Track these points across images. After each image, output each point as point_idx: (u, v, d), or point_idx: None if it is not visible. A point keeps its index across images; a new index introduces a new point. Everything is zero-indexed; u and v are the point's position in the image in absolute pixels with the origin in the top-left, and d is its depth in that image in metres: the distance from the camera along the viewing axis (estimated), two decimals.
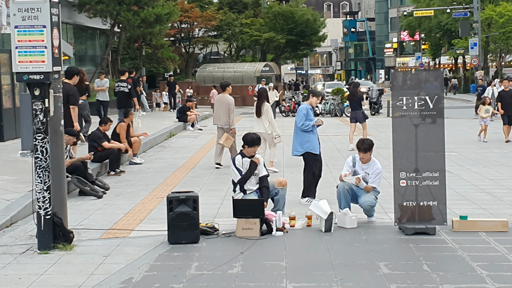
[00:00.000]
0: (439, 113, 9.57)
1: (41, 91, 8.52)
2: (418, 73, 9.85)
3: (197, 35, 58.06)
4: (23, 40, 8.40)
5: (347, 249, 8.61)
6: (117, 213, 11.14)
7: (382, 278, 7.35)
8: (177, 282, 7.30)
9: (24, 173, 13.24)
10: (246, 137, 10.40)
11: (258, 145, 10.43)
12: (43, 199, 8.60)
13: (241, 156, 10.34)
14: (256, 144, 10.35)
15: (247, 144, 10.30)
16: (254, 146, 10.31)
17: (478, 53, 54.26)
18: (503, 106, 21.79)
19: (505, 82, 23.23)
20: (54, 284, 7.38)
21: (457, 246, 8.63)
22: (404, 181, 9.44)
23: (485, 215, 10.54)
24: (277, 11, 61.90)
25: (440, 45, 78.09)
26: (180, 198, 8.99)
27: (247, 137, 10.41)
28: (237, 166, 10.23)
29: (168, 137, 23.79)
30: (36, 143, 8.57)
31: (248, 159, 10.29)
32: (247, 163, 10.27)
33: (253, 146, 10.29)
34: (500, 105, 21.96)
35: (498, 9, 60.57)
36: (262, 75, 54.27)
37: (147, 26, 37.29)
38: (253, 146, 10.29)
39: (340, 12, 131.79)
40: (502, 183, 13.59)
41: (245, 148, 10.33)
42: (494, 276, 7.36)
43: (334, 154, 18.34)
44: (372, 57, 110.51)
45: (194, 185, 13.44)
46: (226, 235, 9.27)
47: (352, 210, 10.01)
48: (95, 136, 15.24)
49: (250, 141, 10.30)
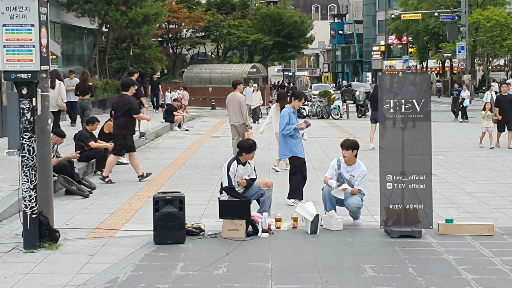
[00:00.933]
0: (426, 116, 9.60)
1: (29, 90, 8.51)
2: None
3: (185, 35, 58.03)
4: (11, 38, 8.38)
5: (333, 251, 8.63)
6: (103, 212, 11.12)
7: (368, 281, 7.37)
8: (162, 282, 7.30)
9: (11, 172, 13.19)
10: (243, 144, 10.49)
11: (255, 150, 10.51)
12: (29, 198, 8.57)
13: (236, 162, 10.36)
14: (253, 149, 10.45)
15: (244, 151, 10.36)
16: (252, 152, 10.40)
17: (466, 57, 54.54)
18: (500, 112, 20.89)
19: (503, 86, 22.12)
20: (40, 283, 7.36)
21: (442, 249, 8.67)
22: (391, 184, 9.46)
23: (471, 219, 10.58)
24: (264, 13, 61.95)
25: (428, 49, 78.38)
26: (166, 199, 9.00)
27: (244, 144, 10.49)
28: (229, 173, 10.24)
29: (155, 137, 23.75)
30: (23, 142, 8.55)
31: (243, 166, 10.34)
32: (242, 170, 10.32)
33: (251, 152, 10.39)
34: (498, 111, 20.99)
35: (486, 13, 60.94)
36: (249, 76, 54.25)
37: (135, 26, 37.19)
38: (251, 152, 10.39)
39: (328, 15, 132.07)
40: (488, 187, 13.65)
41: (243, 155, 10.37)
42: (479, 279, 7.40)
43: (320, 156, 18.37)
44: (359, 59, 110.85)
45: (180, 185, 13.43)
46: (212, 236, 9.28)
47: (338, 213, 10.04)
48: (82, 135, 15.19)
49: (248, 147, 10.38)
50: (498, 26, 60.29)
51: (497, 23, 60.18)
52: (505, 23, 60.74)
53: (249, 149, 10.37)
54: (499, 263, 8.03)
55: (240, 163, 10.34)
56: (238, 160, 10.36)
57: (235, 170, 10.25)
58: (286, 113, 12.27)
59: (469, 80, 48.77)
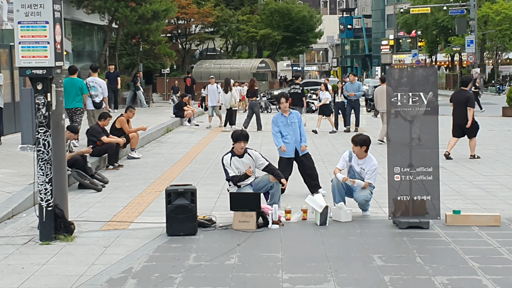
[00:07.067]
0: (434, 110, 9.74)
1: (44, 86, 8.70)
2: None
3: (194, 31, 58.09)
4: (26, 35, 8.57)
5: (342, 242, 8.79)
6: (116, 206, 11.32)
7: (376, 270, 7.54)
8: (175, 272, 7.47)
9: (24, 167, 13.42)
10: (232, 135, 10.68)
11: (244, 140, 10.51)
12: (45, 191, 8.77)
13: (231, 154, 10.53)
14: (240, 139, 10.47)
15: (233, 141, 10.55)
16: (239, 141, 10.47)
17: (475, 50, 54.54)
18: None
19: None
20: (56, 273, 7.55)
21: (450, 239, 8.82)
22: (399, 176, 9.62)
23: (478, 210, 10.71)
24: (273, 8, 62.07)
25: (437, 43, 78.36)
26: (178, 191, 9.18)
27: (232, 134, 10.67)
28: (225, 167, 10.50)
29: (165, 132, 23.95)
30: (38, 136, 8.74)
31: (240, 158, 10.49)
32: (237, 161, 10.48)
33: (238, 142, 10.47)
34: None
35: (495, 6, 60.88)
36: (258, 71, 54.44)
37: (145, 23, 37.39)
38: (238, 142, 10.47)
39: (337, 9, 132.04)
40: (496, 179, 13.78)
41: (234, 146, 10.56)
42: (485, 268, 7.55)
43: (329, 150, 18.52)
44: (368, 54, 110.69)
45: (191, 179, 13.60)
46: (223, 228, 9.46)
47: (347, 204, 10.19)
48: (94, 130, 15.41)
49: (235, 137, 10.53)
50: (507, 19, 60.26)
51: (506, 16, 60.14)
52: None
53: (235, 139, 10.50)
54: (505, 252, 8.18)
55: (235, 155, 10.50)
56: (233, 152, 10.53)
57: (228, 162, 10.45)
58: (273, 118, 12.45)
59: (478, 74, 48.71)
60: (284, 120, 12.24)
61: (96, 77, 18.35)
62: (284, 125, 12.21)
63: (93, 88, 17.96)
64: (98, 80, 18.29)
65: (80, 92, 17.28)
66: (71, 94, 16.88)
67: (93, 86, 17.99)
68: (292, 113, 12.30)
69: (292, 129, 12.16)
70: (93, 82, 18.09)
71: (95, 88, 18.02)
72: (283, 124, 12.22)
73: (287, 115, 12.25)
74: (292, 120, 12.21)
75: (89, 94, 17.76)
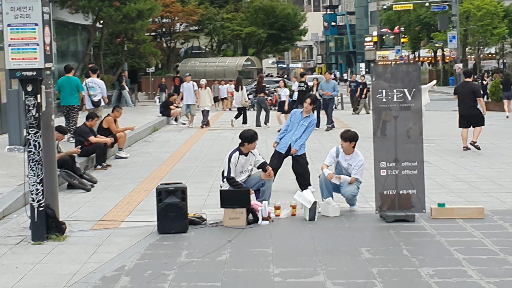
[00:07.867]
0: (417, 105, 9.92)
1: (34, 87, 8.79)
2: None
3: (178, 30, 58.11)
4: (15, 38, 8.66)
5: (330, 237, 8.95)
6: (106, 205, 11.41)
7: (364, 263, 7.70)
8: (168, 269, 7.60)
9: (13, 168, 13.47)
10: (245, 134, 10.62)
11: (257, 140, 10.66)
12: (36, 192, 8.86)
13: (238, 153, 10.56)
14: (255, 139, 10.59)
15: (246, 141, 10.52)
16: (254, 142, 10.57)
17: (457, 46, 54.78)
18: None
19: None
20: (50, 272, 7.65)
21: (435, 232, 9.00)
22: (385, 171, 9.79)
23: (463, 203, 10.91)
24: (258, 6, 62.19)
25: (420, 39, 78.64)
26: (169, 189, 9.30)
27: (245, 134, 10.62)
28: (231, 164, 10.43)
29: (152, 131, 24.05)
30: (29, 137, 8.83)
31: (245, 156, 10.54)
32: (244, 160, 10.53)
33: (253, 142, 10.56)
34: None
35: (476, 2, 61.25)
36: (244, 69, 54.51)
37: (129, 22, 37.37)
38: (253, 142, 10.56)
39: (320, 6, 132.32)
40: (479, 173, 13.99)
41: (245, 145, 10.55)
42: (470, 259, 7.73)
43: (316, 147, 18.67)
44: (352, 50, 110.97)
45: (180, 178, 13.61)
46: (214, 225, 9.59)
47: (335, 199, 10.36)
48: (82, 131, 15.48)
49: (250, 137, 10.54)
50: (488, 15, 60.66)
51: (488, 12, 60.55)
52: (495, 12, 61.17)
53: (251, 139, 10.53)
54: (489, 244, 8.36)
55: (242, 153, 10.56)
56: (240, 151, 10.57)
57: (236, 160, 10.44)
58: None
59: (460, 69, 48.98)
60: (298, 118, 12.36)
61: (95, 78, 19.24)
62: (295, 122, 12.35)
63: (92, 88, 18.93)
64: (97, 80, 19.22)
65: (76, 90, 18.44)
66: (67, 92, 18.27)
67: (92, 86, 18.96)
68: (309, 117, 12.35)
69: (298, 129, 12.28)
70: (92, 83, 19.07)
71: (94, 88, 18.97)
72: (296, 121, 12.34)
73: (304, 116, 12.35)
74: (303, 123, 12.25)
75: (88, 94, 18.83)
